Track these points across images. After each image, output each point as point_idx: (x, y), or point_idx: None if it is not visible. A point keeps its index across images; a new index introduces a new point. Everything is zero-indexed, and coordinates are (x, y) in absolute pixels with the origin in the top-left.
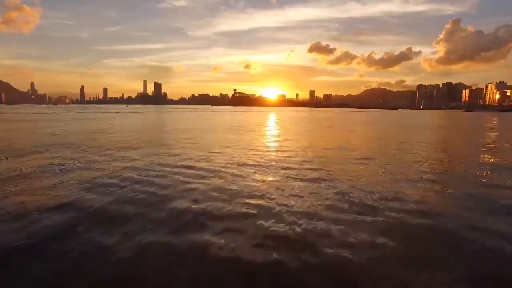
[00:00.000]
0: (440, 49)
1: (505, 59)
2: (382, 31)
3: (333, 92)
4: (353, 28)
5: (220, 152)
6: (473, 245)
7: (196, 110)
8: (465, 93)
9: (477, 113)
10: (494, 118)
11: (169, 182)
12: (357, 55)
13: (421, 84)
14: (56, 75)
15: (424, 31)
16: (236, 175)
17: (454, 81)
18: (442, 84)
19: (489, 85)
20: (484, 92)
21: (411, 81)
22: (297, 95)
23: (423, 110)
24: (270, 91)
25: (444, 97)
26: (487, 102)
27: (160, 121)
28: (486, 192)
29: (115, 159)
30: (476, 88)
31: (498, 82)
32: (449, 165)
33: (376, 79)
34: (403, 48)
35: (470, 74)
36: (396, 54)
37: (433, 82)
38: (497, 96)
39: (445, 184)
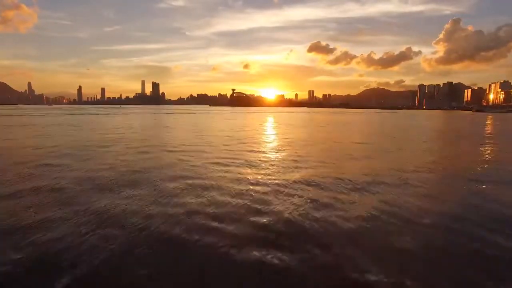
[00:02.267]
0: (440, 49)
1: (505, 58)
2: (380, 31)
3: (332, 92)
4: (352, 28)
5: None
6: None
7: (192, 111)
8: (467, 93)
9: (497, 114)
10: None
11: None
12: (356, 55)
13: (422, 84)
14: (54, 75)
15: (422, 31)
16: None
17: (453, 81)
18: (443, 84)
19: (493, 84)
20: (487, 92)
21: (410, 81)
22: (296, 95)
23: (427, 110)
24: (269, 91)
25: (445, 97)
26: (491, 102)
27: (131, 132)
28: None
29: None
30: (478, 88)
31: (502, 81)
32: None
33: (375, 79)
34: (400, 48)
35: (469, 74)
36: (395, 54)
37: (432, 82)
38: (502, 96)
39: None
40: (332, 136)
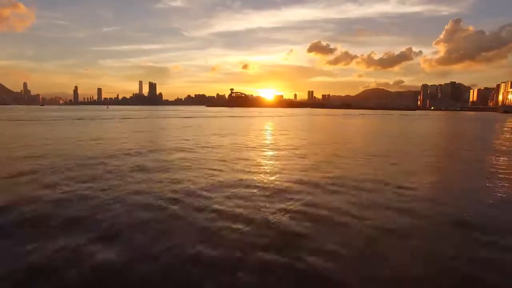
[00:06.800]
0: (440, 49)
1: (505, 59)
2: (380, 31)
3: (331, 92)
4: (350, 28)
5: None
6: None
7: (184, 114)
8: (473, 93)
9: None
10: None
11: None
12: (357, 55)
13: (426, 84)
14: (52, 75)
15: (422, 31)
16: None
17: (453, 81)
18: (445, 84)
19: (502, 84)
20: (494, 92)
21: (409, 81)
22: (295, 95)
23: (437, 111)
24: (268, 92)
25: (447, 97)
26: (500, 103)
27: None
28: None
29: None
30: (485, 88)
31: None
32: None
33: (374, 80)
34: (400, 49)
35: (468, 75)
36: (396, 54)
37: (432, 82)
38: None
39: None
40: None
